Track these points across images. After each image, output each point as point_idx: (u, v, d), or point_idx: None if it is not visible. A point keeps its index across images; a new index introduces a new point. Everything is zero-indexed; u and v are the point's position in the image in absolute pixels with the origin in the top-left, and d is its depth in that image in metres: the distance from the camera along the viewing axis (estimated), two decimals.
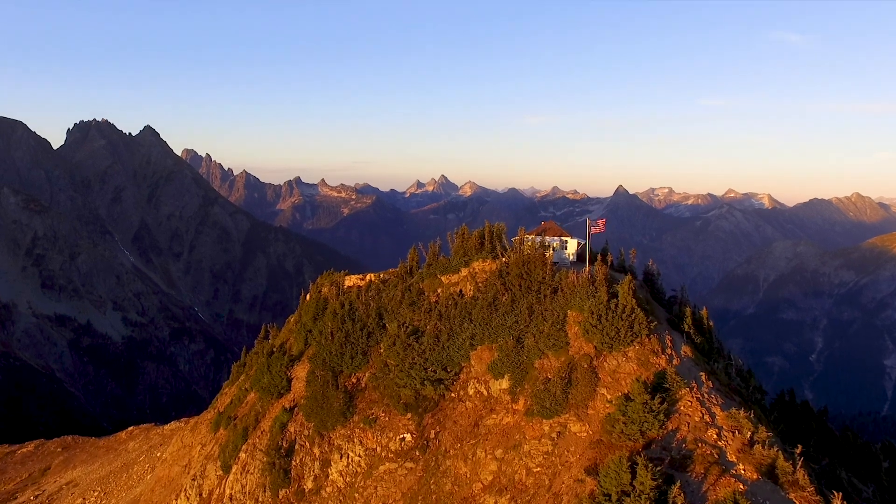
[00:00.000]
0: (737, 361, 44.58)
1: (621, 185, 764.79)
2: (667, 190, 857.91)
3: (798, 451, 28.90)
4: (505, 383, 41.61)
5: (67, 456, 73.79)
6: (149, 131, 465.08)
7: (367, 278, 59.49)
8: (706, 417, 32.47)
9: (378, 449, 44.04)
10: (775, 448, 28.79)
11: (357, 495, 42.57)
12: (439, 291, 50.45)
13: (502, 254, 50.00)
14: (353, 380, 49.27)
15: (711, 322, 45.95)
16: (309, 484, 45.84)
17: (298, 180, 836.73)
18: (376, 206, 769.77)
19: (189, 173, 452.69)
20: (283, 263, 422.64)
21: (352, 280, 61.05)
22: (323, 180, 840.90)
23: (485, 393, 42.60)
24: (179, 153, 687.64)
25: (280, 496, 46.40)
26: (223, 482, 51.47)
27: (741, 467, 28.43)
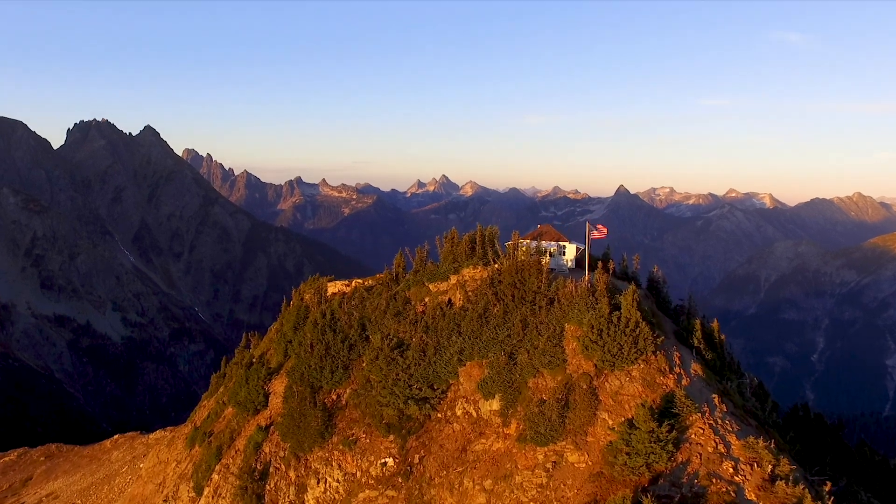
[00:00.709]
0: (751, 379, 41.06)
1: (622, 185, 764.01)
2: (668, 190, 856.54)
3: (827, 489, 26.57)
4: (496, 404, 38.25)
5: (50, 465, 72.16)
6: (149, 131, 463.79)
7: (353, 284, 55.81)
8: (720, 447, 29.65)
9: (358, 474, 40.63)
10: (801, 486, 26.29)
11: None
12: (427, 300, 46.91)
13: (494, 260, 46.59)
14: (333, 396, 45.97)
15: (723, 335, 42.47)
16: None
17: (299, 180, 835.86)
18: (377, 206, 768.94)
19: (189, 173, 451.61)
20: (284, 263, 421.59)
21: (336, 286, 56.97)
22: (324, 180, 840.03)
23: (474, 414, 39.18)
24: (180, 153, 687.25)
25: None
26: None
27: None
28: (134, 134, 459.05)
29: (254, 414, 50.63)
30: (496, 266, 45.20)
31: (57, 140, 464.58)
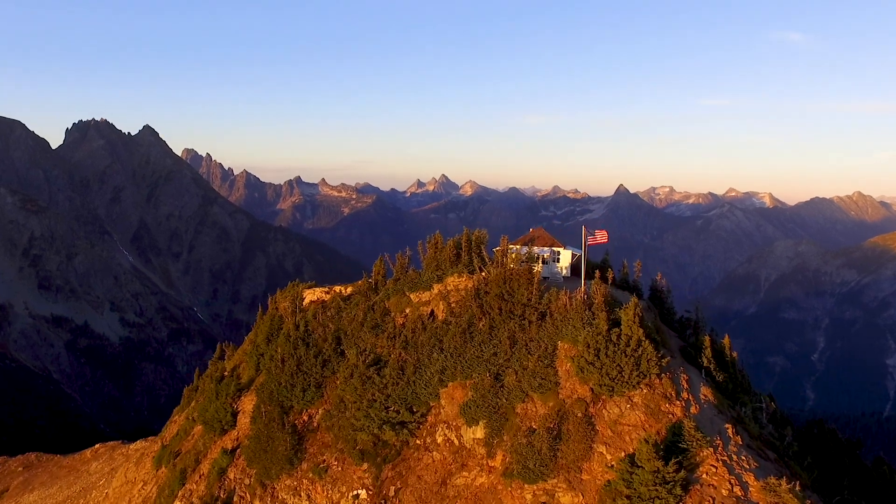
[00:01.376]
0: (767, 403, 37.01)
1: (622, 185, 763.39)
2: (668, 189, 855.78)
3: None
4: (480, 432, 34.76)
5: (28, 476, 69.69)
6: (148, 131, 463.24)
7: (333, 292, 51.68)
8: (737, 490, 26.15)
9: None
10: None
11: None
12: (407, 312, 43.24)
13: (481, 268, 42.52)
14: (305, 417, 42.36)
15: (735, 352, 38.47)
16: None
17: (299, 180, 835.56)
18: (377, 206, 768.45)
19: (188, 173, 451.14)
20: (283, 263, 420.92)
21: (315, 294, 52.64)
22: (323, 180, 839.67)
23: (455, 442, 35.71)
24: (180, 153, 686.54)
25: None
26: None
27: None
28: (133, 134, 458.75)
29: (220, 434, 47.20)
30: (483, 275, 41.37)
31: (55, 140, 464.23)
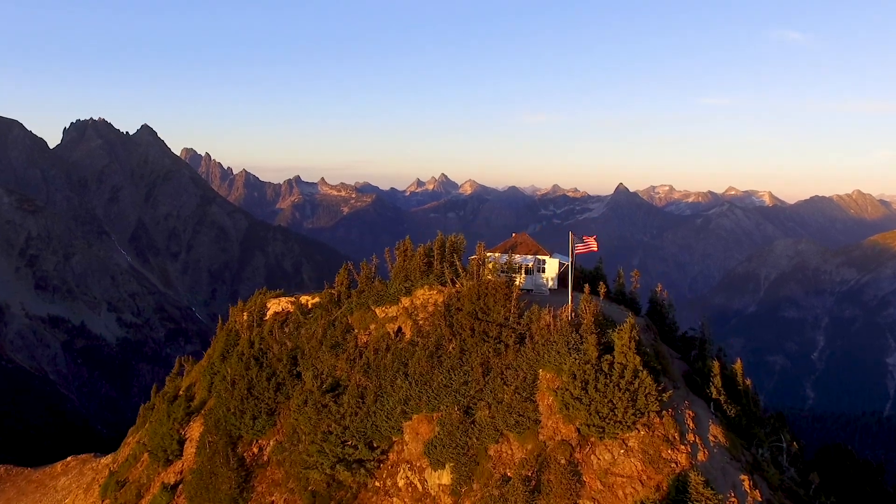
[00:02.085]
0: (788, 442, 31.88)
1: (622, 183, 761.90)
2: (667, 188, 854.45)
3: None
4: (446, 476, 30.36)
5: None
6: (146, 130, 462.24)
7: (299, 303, 46.78)
8: None
9: None
10: None
11: None
12: (371, 329, 38.76)
13: (453, 280, 37.52)
14: (255, 449, 38.11)
15: (749, 380, 33.02)
16: None
17: (298, 179, 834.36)
18: (376, 205, 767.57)
19: (187, 172, 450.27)
20: (282, 263, 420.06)
21: (280, 304, 47.60)
22: (323, 179, 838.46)
23: (419, 487, 31.37)
24: (179, 152, 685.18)
25: None
26: None
27: None
28: (131, 133, 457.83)
29: (165, 465, 42.71)
30: (455, 288, 36.81)
31: (53, 139, 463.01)
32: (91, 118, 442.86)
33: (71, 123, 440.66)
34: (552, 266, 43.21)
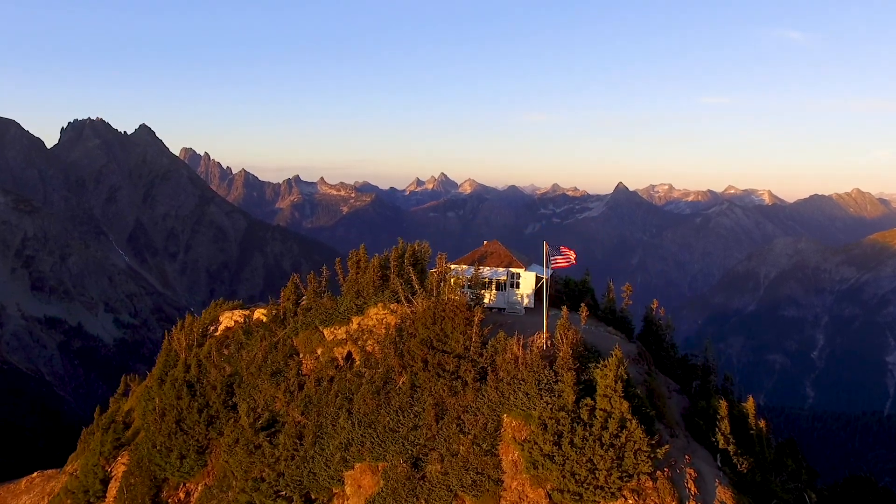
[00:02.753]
0: (810, 497, 26.86)
1: (621, 182, 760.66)
2: (667, 186, 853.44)
3: None
4: None
5: None
6: (144, 130, 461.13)
7: (253, 317, 40.99)
8: None
9: None
10: None
11: None
12: (319, 353, 33.73)
13: (408, 299, 32.07)
14: (181, 495, 33.30)
15: (763, 421, 27.07)
16: None
17: (297, 178, 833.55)
18: (375, 205, 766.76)
19: (185, 172, 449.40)
20: (281, 263, 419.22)
21: (234, 318, 41.98)
22: (322, 178, 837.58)
23: None
24: (178, 152, 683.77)
25: None
26: None
27: None
28: (129, 133, 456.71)
29: None
30: (411, 309, 31.51)
31: (51, 139, 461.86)
32: (89, 118, 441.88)
33: (68, 123, 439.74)
34: (528, 281, 37.08)
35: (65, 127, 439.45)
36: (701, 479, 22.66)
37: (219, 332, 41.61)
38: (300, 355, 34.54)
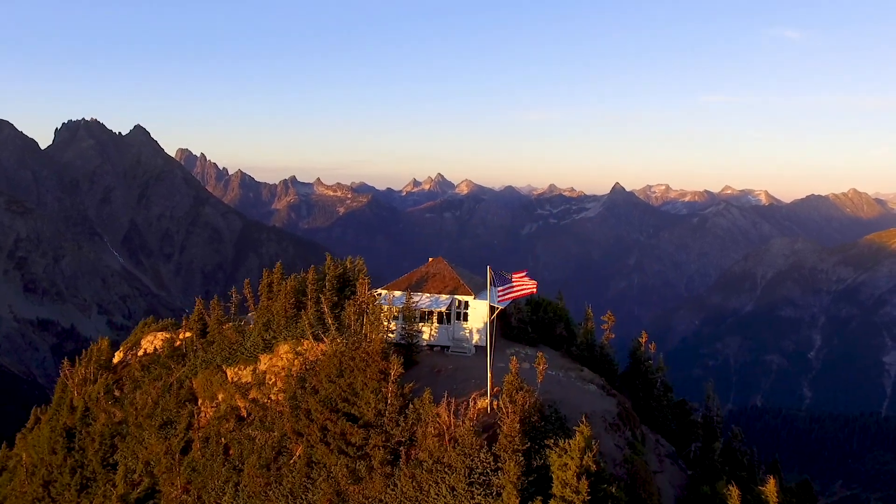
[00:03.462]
0: None
1: (618, 182, 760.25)
2: (664, 187, 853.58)
3: None
4: None
5: None
6: (139, 130, 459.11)
7: (179, 339, 33.47)
8: None
9: None
10: None
11: None
12: (220, 399, 27.49)
13: (317, 336, 26.31)
14: None
15: None
16: None
17: (294, 179, 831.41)
18: (372, 205, 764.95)
19: (180, 173, 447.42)
20: (276, 264, 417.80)
21: (158, 340, 34.99)
22: (318, 179, 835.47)
23: None
24: (175, 153, 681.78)
25: None
26: None
27: None
28: (124, 133, 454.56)
29: None
30: (321, 347, 25.54)
31: (45, 140, 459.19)
32: (83, 118, 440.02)
33: (63, 124, 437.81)
34: (479, 311, 29.07)
35: (59, 128, 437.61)
36: None
37: (139, 355, 33.83)
38: (198, 402, 27.69)
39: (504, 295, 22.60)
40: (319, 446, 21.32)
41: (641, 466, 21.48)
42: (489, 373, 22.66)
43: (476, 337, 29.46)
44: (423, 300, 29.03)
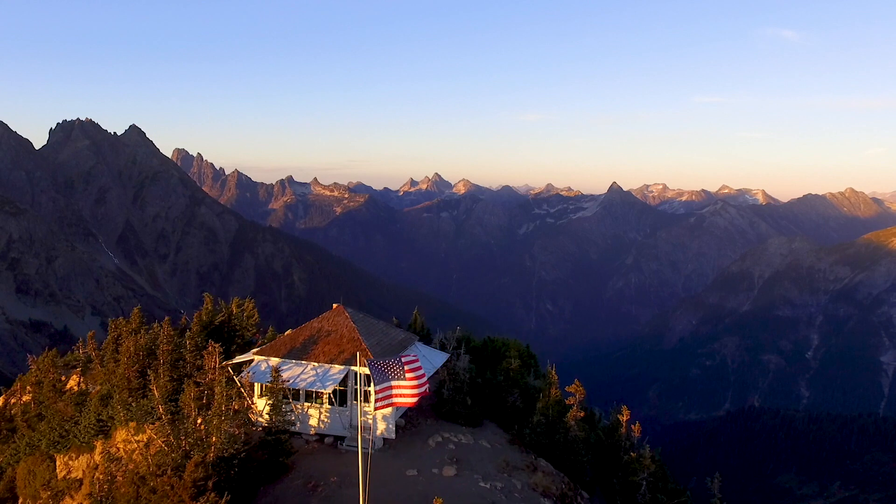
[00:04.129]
0: None
1: (615, 182, 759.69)
2: (661, 186, 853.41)
3: None
4: None
5: None
6: (134, 130, 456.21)
7: (14, 403, 27.16)
8: None
9: None
10: None
11: None
12: (43, 499, 20.27)
13: (141, 427, 19.62)
14: None
15: None
16: None
17: (291, 179, 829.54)
18: (369, 205, 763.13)
19: (175, 173, 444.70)
20: (272, 264, 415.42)
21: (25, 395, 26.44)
22: (315, 179, 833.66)
23: None
24: (171, 153, 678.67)
25: None
26: None
27: None
28: (119, 134, 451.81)
29: None
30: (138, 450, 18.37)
31: (39, 140, 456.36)
32: (78, 119, 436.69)
33: (57, 124, 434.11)
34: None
35: (53, 128, 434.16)
36: None
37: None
38: (19, 501, 20.19)
39: (381, 401, 16.45)
40: None
41: None
42: (363, 491, 14.85)
43: (382, 425, 21.15)
44: (307, 373, 20.63)
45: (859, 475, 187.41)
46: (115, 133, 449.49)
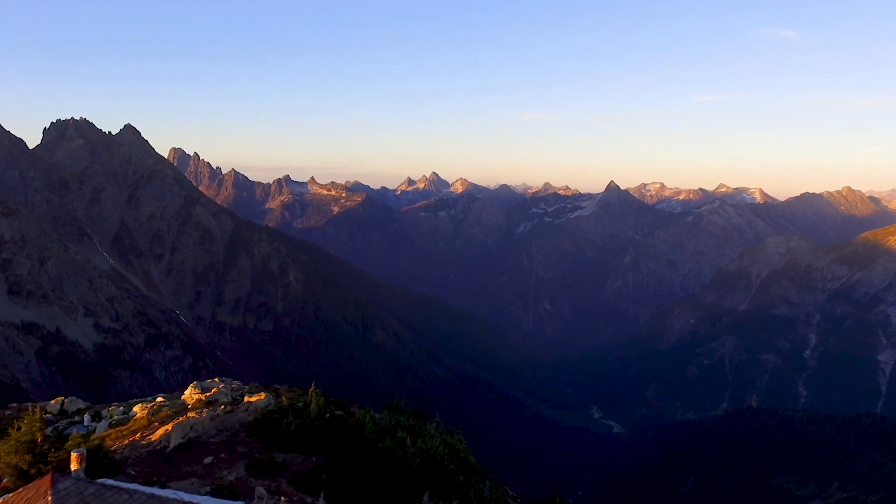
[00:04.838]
0: None
1: (613, 181, 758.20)
2: (658, 185, 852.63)
3: None
4: None
5: None
6: (129, 130, 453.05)
7: None
8: None
9: None
10: None
11: None
12: None
13: None
14: None
15: None
16: None
17: (288, 178, 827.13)
18: (366, 204, 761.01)
19: (170, 173, 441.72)
20: (268, 264, 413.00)
21: None
22: (312, 178, 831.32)
23: None
24: (168, 152, 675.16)
25: None
26: None
27: None
28: (114, 133, 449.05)
29: None
30: None
31: (33, 140, 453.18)
32: (72, 118, 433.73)
33: (51, 123, 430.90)
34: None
35: (47, 127, 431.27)
36: None
37: None
38: None
39: None
40: None
41: None
42: None
43: None
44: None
45: (858, 476, 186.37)
46: (110, 132, 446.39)
